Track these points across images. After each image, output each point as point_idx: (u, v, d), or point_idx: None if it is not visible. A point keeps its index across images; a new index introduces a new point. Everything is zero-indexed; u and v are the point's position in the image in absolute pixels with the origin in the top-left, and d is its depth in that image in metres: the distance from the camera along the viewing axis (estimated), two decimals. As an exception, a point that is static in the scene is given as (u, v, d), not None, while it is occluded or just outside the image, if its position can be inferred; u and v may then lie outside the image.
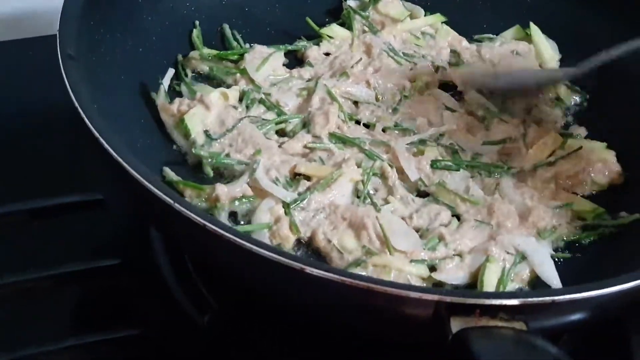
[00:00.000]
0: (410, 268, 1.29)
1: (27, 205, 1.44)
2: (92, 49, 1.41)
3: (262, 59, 1.57)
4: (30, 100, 1.65)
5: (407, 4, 1.76)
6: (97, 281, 1.41)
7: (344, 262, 1.30)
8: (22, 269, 1.38)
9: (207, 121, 1.45)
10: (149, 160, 1.38)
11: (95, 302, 1.40)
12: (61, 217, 1.47)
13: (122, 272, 1.41)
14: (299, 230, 1.32)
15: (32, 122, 1.61)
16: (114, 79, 1.45)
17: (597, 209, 1.43)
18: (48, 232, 1.45)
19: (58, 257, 1.41)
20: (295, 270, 1.05)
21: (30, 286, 1.38)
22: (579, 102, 1.64)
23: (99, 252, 1.43)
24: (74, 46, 1.34)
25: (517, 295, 1.11)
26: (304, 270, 1.05)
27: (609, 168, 1.49)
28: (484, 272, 1.29)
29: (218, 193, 1.33)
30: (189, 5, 1.68)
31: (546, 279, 1.30)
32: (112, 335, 1.34)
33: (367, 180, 1.40)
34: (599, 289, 1.07)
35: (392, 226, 1.34)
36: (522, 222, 1.38)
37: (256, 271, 1.12)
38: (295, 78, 1.59)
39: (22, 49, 1.80)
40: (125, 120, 1.42)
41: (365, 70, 1.60)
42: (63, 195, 1.44)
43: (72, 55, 1.31)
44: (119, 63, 1.48)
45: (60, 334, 1.34)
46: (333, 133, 1.48)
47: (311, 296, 1.13)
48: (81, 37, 1.38)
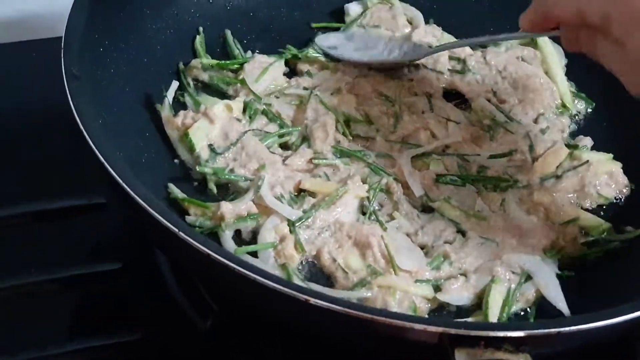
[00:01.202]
0: (416, 289, 1.29)
1: (29, 208, 1.45)
2: (97, 62, 1.42)
3: (262, 69, 1.56)
4: (34, 102, 1.64)
5: (407, 11, 1.74)
6: (98, 285, 1.41)
7: (348, 283, 1.30)
8: (24, 272, 1.39)
9: (212, 135, 1.44)
10: (153, 174, 1.40)
11: (96, 306, 1.40)
12: (63, 220, 1.47)
13: (124, 276, 1.41)
14: (304, 249, 1.32)
15: (35, 125, 1.60)
16: (119, 92, 1.45)
17: (603, 224, 1.42)
18: (50, 235, 1.45)
19: (60, 261, 1.41)
20: (299, 301, 1.06)
21: (31, 289, 1.38)
22: (584, 109, 1.62)
23: (101, 256, 1.43)
24: (78, 63, 1.34)
25: (523, 327, 1.10)
26: (308, 302, 1.06)
27: (615, 180, 1.48)
28: (489, 294, 1.28)
29: (223, 211, 1.33)
30: (193, 11, 1.67)
31: (552, 299, 1.30)
32: (114, 339, 1.34)
33: (374, 197, 1.40)
34: (606, 319, 1.07)
35: (398, 244, 1.33)
36: (527, 240, 1.37)
37: (260, 298, 1.13)
38: (294, 87, 1.58)
39: (25, 51, 1.79)
40: (130, 134, 1.42)
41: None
42: (65, 198, 1.44)
43: (77, 74, 1.31)
44: (123, 74, 1.48)
45: (62, 338, 1.34)
46: (336, 147, 1.47)
47: (315, 323, 1.14)
48: (85, 50, 1.38)
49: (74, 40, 1.37)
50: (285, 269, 1.30)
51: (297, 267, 1.33)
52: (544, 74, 1.65)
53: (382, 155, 1.48)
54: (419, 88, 1.61)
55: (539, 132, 1.56)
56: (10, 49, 1.79)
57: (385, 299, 1.27)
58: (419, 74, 1.63)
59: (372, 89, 1.59)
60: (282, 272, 1.30)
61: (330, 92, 1.57)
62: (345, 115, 1.53)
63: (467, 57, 1.67)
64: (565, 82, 1.65)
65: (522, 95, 1.61)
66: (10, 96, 1.70)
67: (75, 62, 1.33)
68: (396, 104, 1.56)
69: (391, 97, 1.58)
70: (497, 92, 1.62)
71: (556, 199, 1.44)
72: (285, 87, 1.58)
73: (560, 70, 1.67)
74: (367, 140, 1.52)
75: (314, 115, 1.52)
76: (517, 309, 1.31)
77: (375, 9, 1.74)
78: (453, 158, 1.50)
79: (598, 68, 1.31)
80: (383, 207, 1.42)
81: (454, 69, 1.66)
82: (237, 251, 1.30)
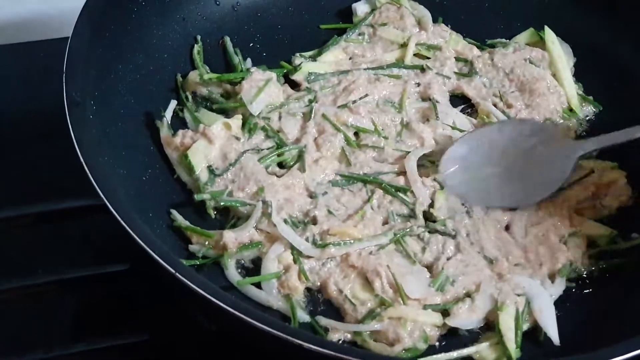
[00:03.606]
0: (425, 318, 1.30)
1: (36, 209, 1.46)
2: (102, 73, 1.43)
3: (258, 88, 1.53)
4: (39, 102, 1.63)
5: (416, 10, 1.72)
6: (105, 286, 1.43)
7: (357, 314, 1.31)
8: (30, 273, 1.41)
9: (211, 156, 1.45)
10: (156, 193, 1.42)
11: (103, 307, 1.41)
12: (70, 222, 1.49)
13: (131, 277, 1.42)
14: (308, 278, 1.33)
15: (41, 125, 1.60)
16: (123, 104, 1.47)
17: (611, 232, 1.42)
18: (57, 236, 1.47)
19: (67, 262, 1.43)
20: (294, 345, 1.09)
21: (38, 291, 1.40)
22: (591, 113, 1.61)
23: (108, 257, 1.44)
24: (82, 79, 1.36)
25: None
26: (302, 346, 1.08)
27: (619, 191, 1.47)
28: (499, 322, 1.29)
29: (226, 241, 1.34)
30: (200, 14, 1.66)
31: (544, 326, 1.30)
32: (121, 340, 1.36)
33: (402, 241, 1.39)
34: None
35: (402, 271, 1.34)
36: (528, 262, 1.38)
37: (260, 338, 1.15)
38: (294, 101, 1.56)
39: (34, 51, 1.79)
40: (134, 148, 1.45)
41: (366, 105, 1.57)
42: (71, 199, 1.45)
43: (78, 100, 1.32)
44: (128, 85, 1.49)
45: (69, 339, 1.37)
46: (350, 175, 1.47)
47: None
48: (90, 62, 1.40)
49: (77, 57, 1.38)
50: (289, 300, 1.31)
51: (303, 298, 1.34)
52: (551, 77, 1.63)
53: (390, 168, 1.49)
54: (426, 93, 1.60)
55: None
56: (18, 50, 1.80)
57: (397, 331, 1.28)
58: (425, 78, 1.61)
59: (380, 96, 1.58)
60: (286, 304, 1.31)
61: (337, 105, 1.56)
62: (354, 127, 1.53)
63: (475, 58, 1.66)
64: (572, 84, 1.63)
65: (528, 100, 1.60)
66: (17, 96, 1.71)
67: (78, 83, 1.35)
68: (402, 111, 1.56)
69: (397, 103, 1.57)
70: (503, 96, 1.60)
71: (563, 211, 1.43)
72: (284, 102, 1.56)
73: (568, 72, 1.65)
74: (374, 150, 1.52)
75: (316, 133, 1.52)
76: (525, 328, 1.31)
77: (383, 8, 1.72)
78: None
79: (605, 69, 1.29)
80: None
81: (460, 72, 1.64)
82: (240, 283, 1.32)
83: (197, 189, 1.42)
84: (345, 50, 1.68)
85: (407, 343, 1.27)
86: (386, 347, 1.27)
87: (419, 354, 1.27)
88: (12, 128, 1.64)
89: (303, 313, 1.31)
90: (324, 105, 1.55)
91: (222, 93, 1.58)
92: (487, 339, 1.31)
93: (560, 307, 1.34)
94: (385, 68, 1.62)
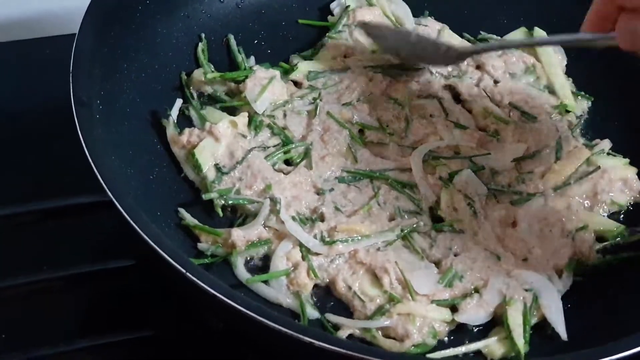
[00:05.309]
0: (434, 314, 1.30)
1: (42, 205, 1.44)
2: (107, 73, 1.43)
3: (262, 87, 1.53)
4: (46, 99, 1.64)
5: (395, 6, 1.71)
6: (111, 282, 1.43)
7: (366, 311, 1.31)
8: (36, 269, 1.40)
9: (217, 154, 1.45)
10: (164, 191, 1.43)
11: (109, 303, 1.42)
12: (75, 218, 1.47)
13: (136, 273, 1.41)
14: (317, 275, 1.34)
15: (47, 121, 1.60)
16: (129, 103, 1.47)
17: (617, 227, 1.43)
18: (62, 232, 1.46)
19: (72, 258, 1.42)
20: (304, 343, 1.09)
21: (43, 287, 1.39)
22: (586, 109, 1.61)
23: (114, 253, 1.43)
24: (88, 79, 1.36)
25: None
26: (312, 344, 1.09)
27: (629, 187, 1.48)
28: (507, 317, 1.30)
29: (234, 239, 1.34)
30: (204, 12, 1.66)
31: (552, 322, 1.31)
32: (126, 336, 1.36)
33: (409, 237, 1.40)
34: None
35: (410, 267, 1.35)
36: (535, 258, 1.38)
37: (269, 336, 1.15)
38: (297, 99, 1.56)
39: (41, 47, 1.79)
40: (141, 147, 1.45)
41: (370, 102, 1.57)
42: (77, 195, 1.43)
43: (85, 100, 1.32)
44: (134, 84, 1.49)
45: (74, 335, 1.36)
46: (356, 171, 1.47)
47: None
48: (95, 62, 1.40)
49: (83, 57, 1.38)
50: (299, 298, 1.32)
51: (311, 295, 1.34)
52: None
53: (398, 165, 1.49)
54: (426, 91, 1.60)
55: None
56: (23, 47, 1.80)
57: (406, 327, 1.29)
58: (423, 77, 1.62)
59: (382, 93, 1.59)
60: (295, 301, 1.32)
61: (341, 103, 1.56)
62: (359, 124, 1.53)
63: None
64: (566, 85, 1.62)
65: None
66: (23, 92, 1.71)
67: (84, 83, 1.35)
68: (406, 107, 1.56)
69: (400, 100, 1.57)
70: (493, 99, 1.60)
71: (570, 206, 1.44)
72: (288, 100, 1.56)
73: (561, 74, 1.64)
74: (380, 146, 1.53)
75: (321, 130, 1.52)
76: (533, 322, 1.32)
77: (357, 9, 1.69)
78: (464, 162, 1.50)
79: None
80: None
81: (450, 75, 1.63)
82: (250, 280, 1.32)
83: (204, 187, 1.42)
84: (339, 49, 1.67)
85: (417, 339, 1.28)
86: (395, 343, 1.28)
87: (428, 349, 1.28)
88: (17, 124, 1.64)
89: (312, 310, 1.32)
90: (328, 102, 1.56)
91: (226, 91, 1.58)
92: (495, 333, 1.31)
93: (568, 301, 1.35)
94: (385, 68, 1.62)
